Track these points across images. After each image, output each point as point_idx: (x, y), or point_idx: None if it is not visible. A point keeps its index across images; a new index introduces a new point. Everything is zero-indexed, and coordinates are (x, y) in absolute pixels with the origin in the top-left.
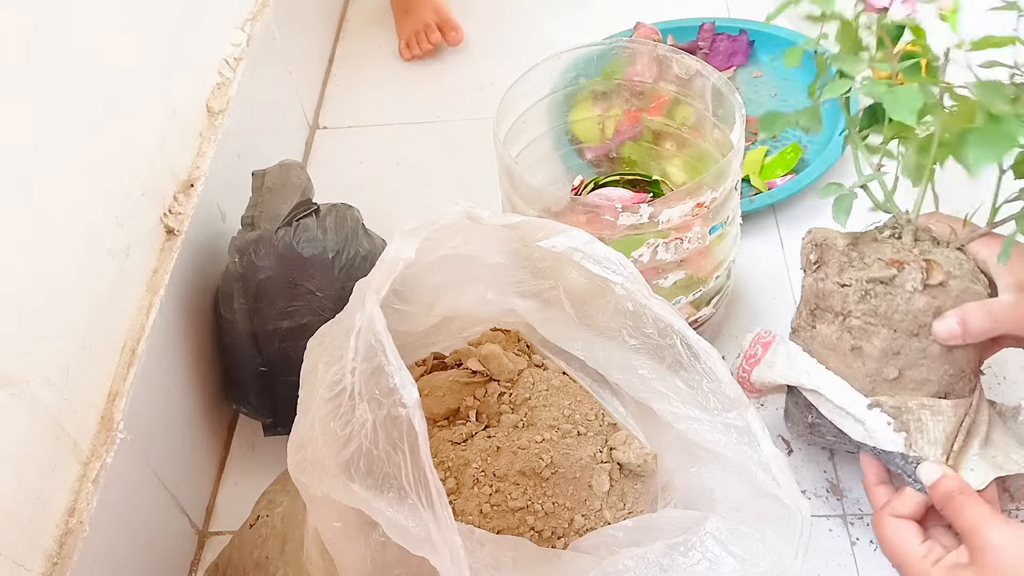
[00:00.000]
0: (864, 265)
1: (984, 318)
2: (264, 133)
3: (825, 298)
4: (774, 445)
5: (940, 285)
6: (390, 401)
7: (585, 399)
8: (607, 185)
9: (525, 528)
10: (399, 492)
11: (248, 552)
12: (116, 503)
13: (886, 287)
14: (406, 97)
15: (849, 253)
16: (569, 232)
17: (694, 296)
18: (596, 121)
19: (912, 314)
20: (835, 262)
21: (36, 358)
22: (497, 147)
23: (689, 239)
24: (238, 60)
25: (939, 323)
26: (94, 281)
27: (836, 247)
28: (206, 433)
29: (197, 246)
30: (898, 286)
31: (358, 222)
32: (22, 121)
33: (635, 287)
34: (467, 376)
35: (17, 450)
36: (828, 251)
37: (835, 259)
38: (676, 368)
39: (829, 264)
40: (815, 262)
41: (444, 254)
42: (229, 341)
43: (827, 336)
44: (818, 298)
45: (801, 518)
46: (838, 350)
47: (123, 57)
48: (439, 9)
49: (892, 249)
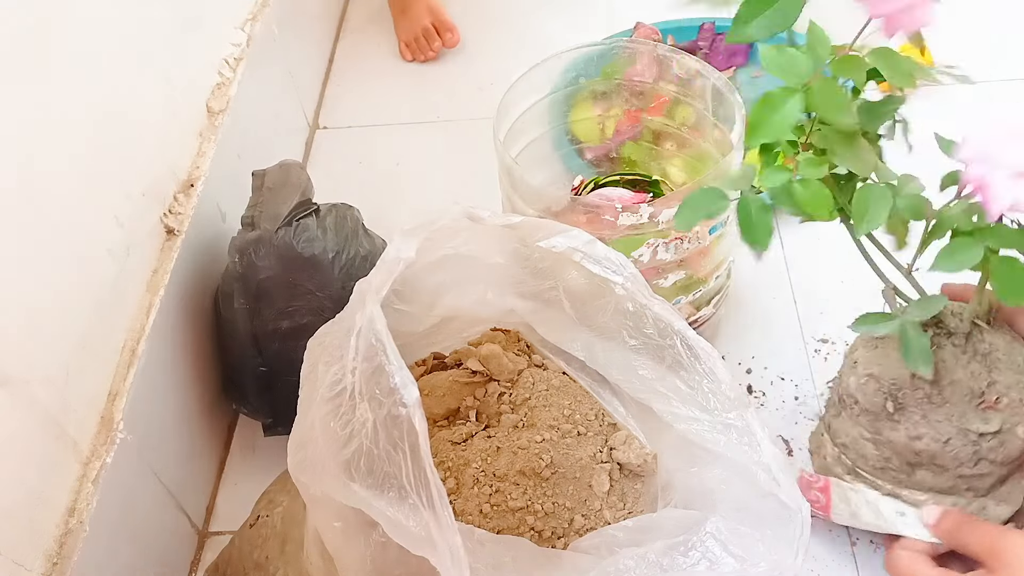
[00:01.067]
0: (944, 400)
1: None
2: (264, 133)
3: (930, 456)
4: (774, 445)
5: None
6: (390, 401)
7: (585, 399)
8: (607, 185)
9: (525, 528)
10: (399, 492)
11: (248, 552)
12: (116, 503)
13: (995, 436)
14: (406, 97)
15: (927, 390)
16: (569, 232)
17: (694, 296)
18: (596, 121)
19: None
20: (916, 407)
21: (36, 358)
22: (497, 147)
23: (689, 239)
24: (238, 60)
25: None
26: (94, 281)
27: (909, 386)
28: (206, 433)
29: (197, 246)
30: (1007, 432)
31: (358, 222)
32: (22, 121)
33: (635, 287)
34: (467, 376)
35: (17, 450)
36: (904, 395)
37: (914, 403)
38: (676, 368)
39: (909, 408)
40: (893, 411)
41: (444, 254)
42: (229, 341)
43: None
44: (915, 454)
45: (801, 518)
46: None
47: (123, 57)
48: (435, 10)
49: (959, 363)
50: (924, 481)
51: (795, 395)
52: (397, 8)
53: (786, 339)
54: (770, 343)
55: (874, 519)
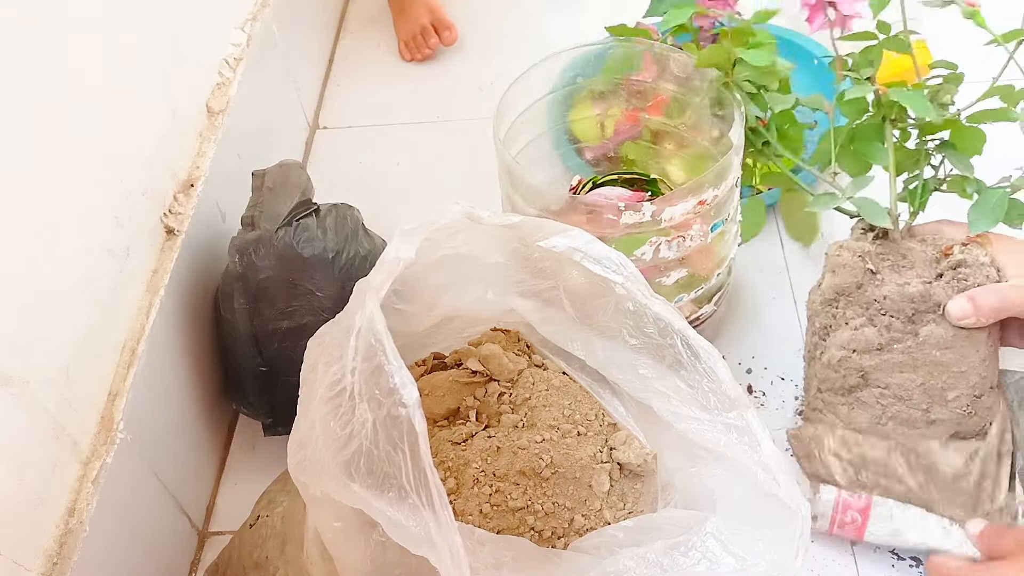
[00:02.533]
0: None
1: (993, 296)
2: (264, 133)
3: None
4: (774, 445)
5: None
6: (390, 401)
7: (585, 399)
8: (605, 184)
9: (525, 528)
10: (399, 492)
11: (248, 552)
12: (116, 503)
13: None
14: (406, 97)
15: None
16: (569, 232)
17: (696, 294)
18: (595, 120)
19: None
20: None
21: (36, 358)
22: (497, 146)
23: (691, 237)
24: (238, 60)
25: (952, 304)
26: (94, 281)
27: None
28: (206, 433)
29: (197, 246)
30: (972, 265)
31: (358, 222)
32: (22, 121)
33: (635, 287)
34: (467, 376)
35: (17, 450)
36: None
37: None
38: (676, 368)
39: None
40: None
41: (444, 254)
42: (229, 341)
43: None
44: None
45: (801, 518)
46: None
47: (123, 57)
48: (433, 8)
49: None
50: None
51: (795, 395)
52: (396, 7)
53: (786, 339)
54: (770, 343)
55: (921, 537)
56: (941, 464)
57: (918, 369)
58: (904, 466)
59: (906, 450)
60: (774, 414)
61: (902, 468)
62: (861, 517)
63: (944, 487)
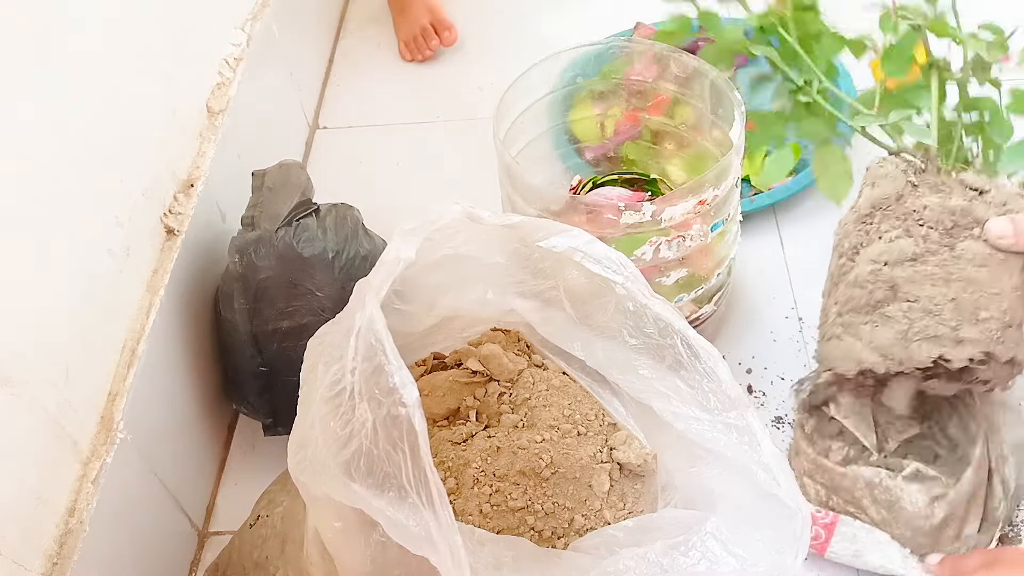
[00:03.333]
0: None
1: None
2: (264, 133)
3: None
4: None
5: None
6: (390, 401)
7: (585, 399)
8: (605, 184)
9: (525, 528)
10: (399, 492)
11: (248, 552)
12: (116, 503)
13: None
14: (406, 97)
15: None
16: (569, 232)
17: (696, 294)
18: (595, 120)
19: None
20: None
21: (36, 358)
22: (497, 146)
23: (691, 237)
24: (238, 60)
25: (993, 223)
26: (94, 281)
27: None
28: (206, 433)
29: (197, 246)
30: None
31: (358, 222)
32: (23, 121)
33: (635, 287)
34: (467, 376)
35: (17, 450)
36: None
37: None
38: (676, 368)
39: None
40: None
41: (444, 254)
42: (229, 341)
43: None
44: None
45: (801, 518)
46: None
47: (123, 57)
48: (433, 8)
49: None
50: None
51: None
52: (396, 7)
53: (786, 339)
54: (770, 343)
55: (881, 561)
56: (905, 502)
57: (951, 284)
58: (869, 499)
59: (871, 485)
60: (774, 414)
61: (867, 500)
62: (825, 534)
63: (905, 524)
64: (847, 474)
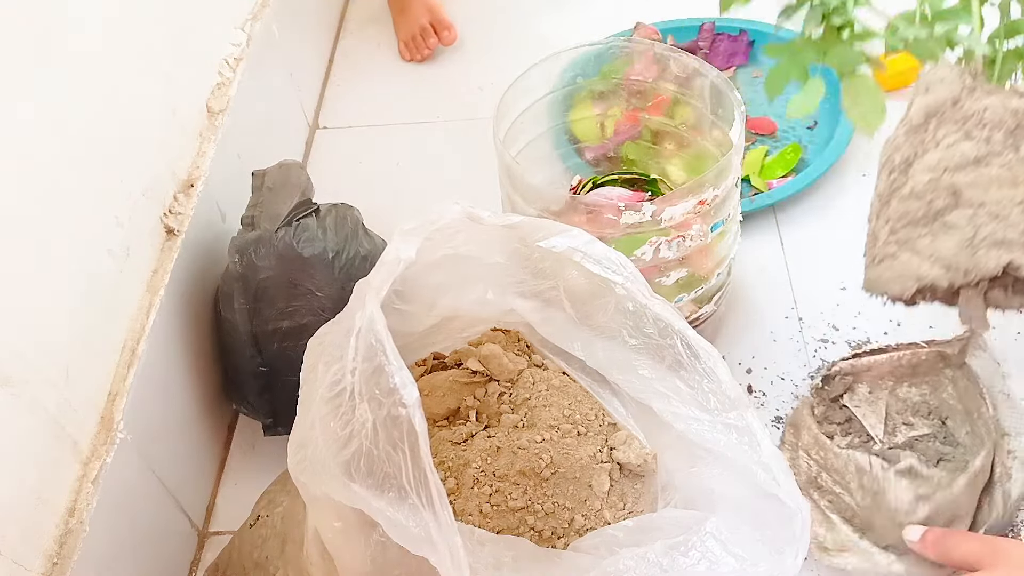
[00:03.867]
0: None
1: None
2: (264, 133)
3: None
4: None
5: None
6: (390, 401)
7: (585, 399)
8: (605, 184)
9: (525, 528)
10: (399, 492)
11: (248, 552)
12: (116, 503)
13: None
14: (406, 97)
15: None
16: (569, 232)
17: (696, 294)
18: (595, 121)
19: None
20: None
21: (36, 358)
22: (497, 146)
23: (691, 237)
24: (238, 60)
25: None
26: (94, 281)
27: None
28: (206, 433)
29: (197, 246)
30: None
31: (358, 222)
32: (23, 121)
33: (635, 287)
34: (467, 376)
35: (17, 450)
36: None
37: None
38: (676, 368)
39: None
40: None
41: (444, 254)
42: (229, 341)
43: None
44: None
45: (801, 518)
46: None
47: (123, 57)
48: (432, 8)
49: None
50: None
51: (795, 395)
52: (396, 7)
53: (786, 339)
54: (770, 343)
55: (860, 561)
56: (889, 494)
57: (1018, 186)
58: (856, 483)
59: (861, 470)
60: (775, 414)
61: (855, 484)
62: None
63: (886, 516)
64: (841, 455)
